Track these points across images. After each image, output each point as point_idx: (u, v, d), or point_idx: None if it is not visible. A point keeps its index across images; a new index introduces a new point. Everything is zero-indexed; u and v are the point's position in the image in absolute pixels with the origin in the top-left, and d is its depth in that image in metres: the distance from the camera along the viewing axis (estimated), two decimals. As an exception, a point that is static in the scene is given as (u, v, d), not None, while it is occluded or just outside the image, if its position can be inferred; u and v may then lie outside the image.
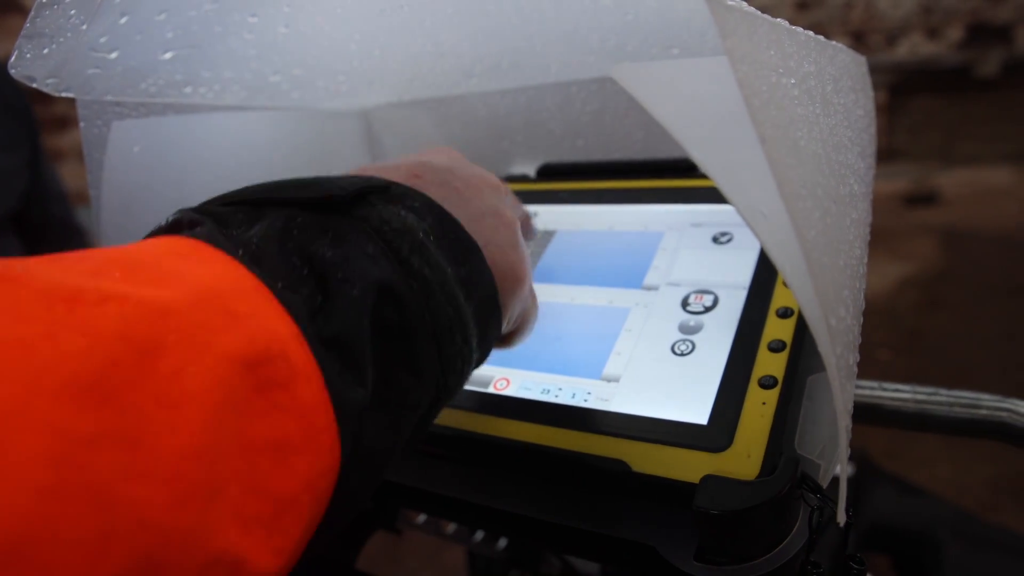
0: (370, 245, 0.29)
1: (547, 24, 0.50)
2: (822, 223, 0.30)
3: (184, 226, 0.28)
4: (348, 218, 0.29)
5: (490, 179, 0.39)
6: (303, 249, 0.27)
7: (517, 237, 0.37)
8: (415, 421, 0.30)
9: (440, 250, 0.31)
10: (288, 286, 0.25)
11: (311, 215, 0.29)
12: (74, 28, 0.41)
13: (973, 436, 0.53)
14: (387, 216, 0.30)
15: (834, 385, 0.29)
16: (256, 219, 0.28)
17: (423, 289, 0.29)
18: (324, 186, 0.31)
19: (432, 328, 0.30)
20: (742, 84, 0.25)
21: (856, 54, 0.48)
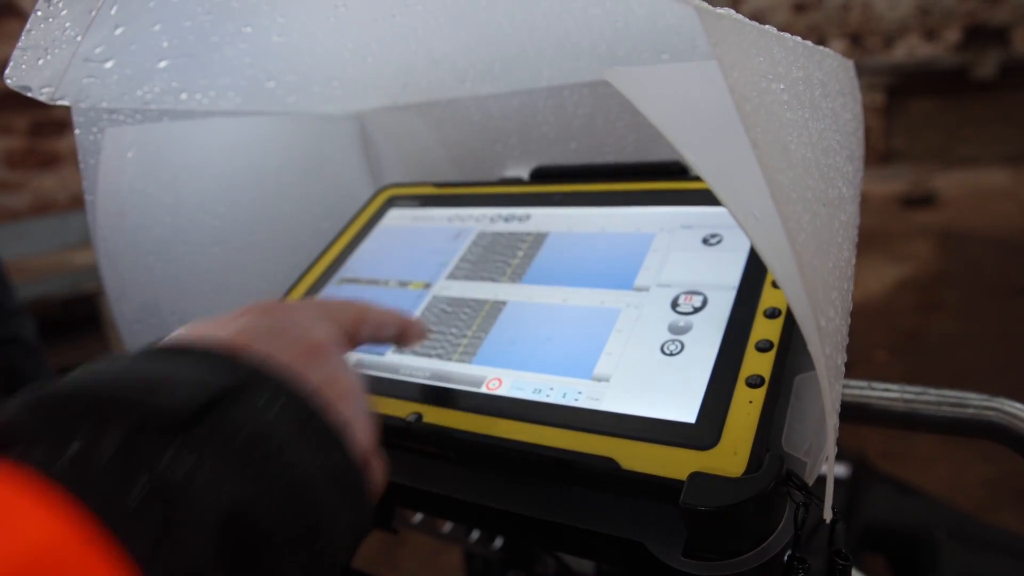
0: (219, 460, 0.27)
1: (538, 30, 0.51)
2: (812, 225, 0.30)
3: (19, 438, 0.25)
4: (196, 430, 0.27)
5: (318, 340, 0.37)
6: (146, 471, 0.25)
7: (354, 409, 0.35)
8: None
9: (302, 444, 0.30)
10: (126, 520, 0.24)
11: (157, 426, 0.26)
12: (69, 39, 0.42)
13: (961, 435, 0.54)
14: (239, 420, 0.28)
15: (823, 385, 0.30)
16: (97, 431, 0.25)
17: (279, 503, 0.28)
18: (173, 393, 0.28)
19: (291, 541, 0.28)
20: (733, 90, 0.25)
21: (844, 58, 0.49)
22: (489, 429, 0.43)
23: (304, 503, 0.29)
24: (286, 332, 0.36)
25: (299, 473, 0.29)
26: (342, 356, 0.38)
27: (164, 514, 0.24)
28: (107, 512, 0.23)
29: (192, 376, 0.29)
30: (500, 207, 0.60)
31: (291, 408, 0.31)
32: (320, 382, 0.34)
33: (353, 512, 0.32)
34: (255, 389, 0.30)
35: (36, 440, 0.25)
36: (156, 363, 0.30)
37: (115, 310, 0.57)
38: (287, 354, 0.34)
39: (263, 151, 0.62)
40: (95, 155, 0.51)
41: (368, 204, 0.66)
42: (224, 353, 0.32)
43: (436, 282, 0.56)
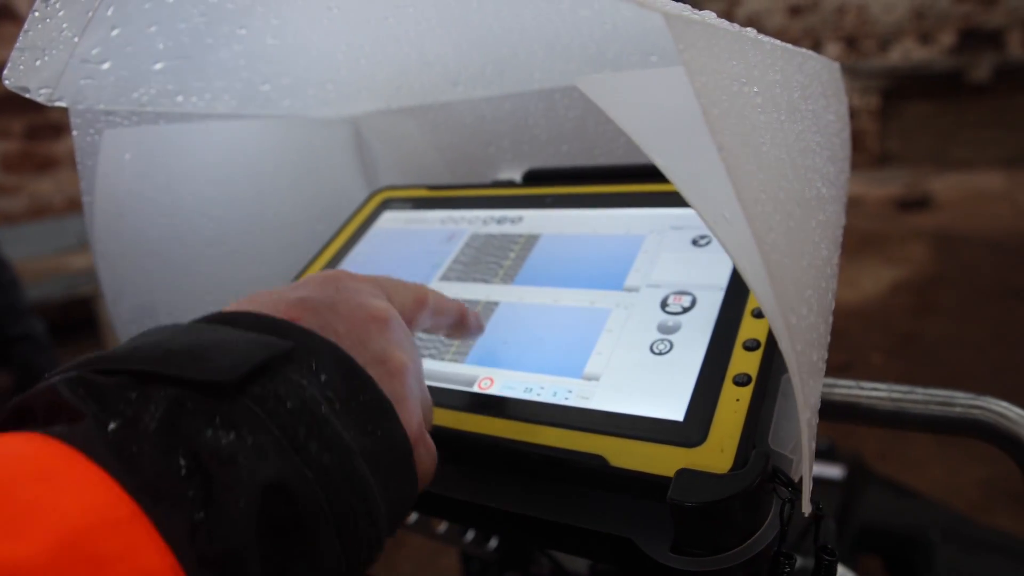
0: (261, 434, 0.26)
1: (528, 33, 0.52)
2: (784, 226, 0.31)
3: (62, 412, 0.25)
4: (239, 401, 0.27)
5: (377, 312, 0.36)
6: (187, 443, 0.25)
7: (406, 386, 0.34)
8: None
9: (347, 417, 0.29)
10: (167, 498, 0.23)
11: (199, 398, 0.26)
12: (66, 40, 0.42)
13: (949, 433, 0.54)
14: (283, 393, 0.28)
15: (794, 380, 0.30)
16: (140, 402, 0.25)
17: (321, 478, 0.27)
18: (217, 362, 0.27)
19: (332, 516, 0.27)
20: (700, 94, 0.26)
21: (829, 60, 0.50)
22: (480, 427, 0.44)
23: (346, 479, 0.28)
24: (342, 304, 0.35)
25: (343, 448, 0.28)
26: (399, 331, 0.37)
27: (204, 490, 0.24)
28: (146, 490, 0.23)
29: (240, 344, 0.29)
30: (493, 209, 0.61)
31: (339, 380, 0.30)
32: (373, 355, 0.34)
33: (396, 492, 0.31)
34: (303, 359, 0.30)
35: (78, 416, 0.25)
36: (206, 332, 0.30)
37: (112, 311, 0.58)
38: (342, 325, 0.34)
39: (259, 154, 0.63)
40: (93, 157, 0.52)
41: (363, 206, 0.67)
42: (273, 323, 0.31)
43: (429, 283, 0.56)
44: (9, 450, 0.23)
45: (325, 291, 0.36)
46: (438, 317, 0.42)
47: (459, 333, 0.45)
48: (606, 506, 0.40)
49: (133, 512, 0.23)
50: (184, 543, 0.23)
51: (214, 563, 0.24)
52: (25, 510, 0.21)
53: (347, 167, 0.71)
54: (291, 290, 0.35)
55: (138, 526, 0.22)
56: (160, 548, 0.22)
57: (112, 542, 0.22)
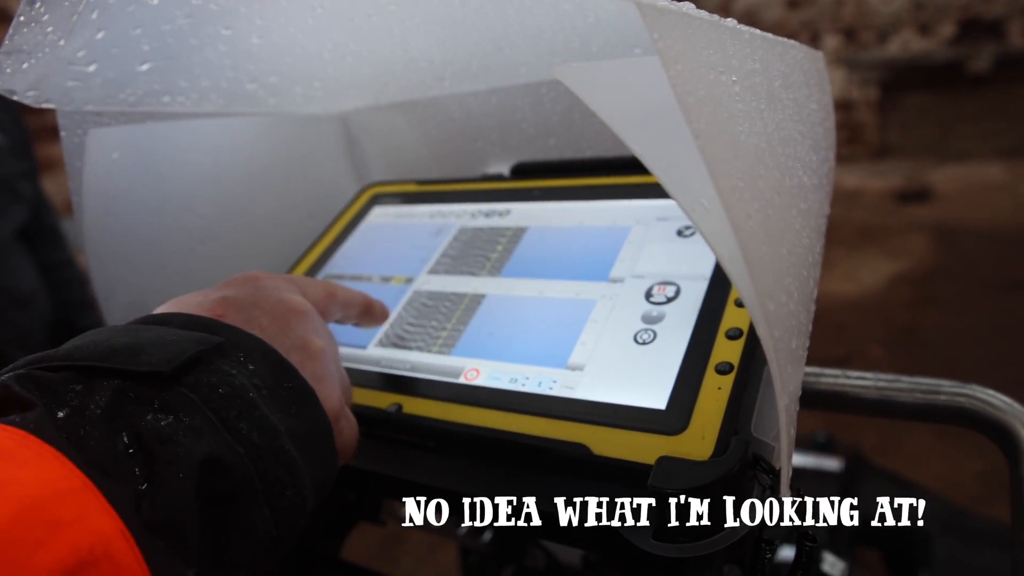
0: (197, 417, 0.29)
1: (511, 27, 0.52)
2: (762, 214, 0.31)
3: (14, 405, 0.28)
4: (176, 389, 0.30)
5: (296, 305, 0.40)
6: (131, 426, 0.28)
7: (325, 368, 0.38)
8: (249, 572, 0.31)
9: (273, 401, 0.33)
10: (113, 473, 0.26)
11: (139, 388, 0.29)
12: (52, 43, 0.43)
13: (934, 422, 0.55)
14: (215, 380, 0.31)
15: (772, 367, 0.31)
16: (86, 393, 0.28)
17: (251, 454, 0.30)
18: (155, 356, 0.30)
19: (262, 489, 0.30)
20: (675, 82, 0.26)
21: (812, 50, 0.50)
22: (466, 418, 0.44)
23: (274, 457, 0.31)
24: (262, 300, 0.39)
25: (270, 428, 0.31)
26: (316, 320, 0.40)
27: (147, 465, 0.27)
28: (95, 465, 0.26)
29: (175, 340, 0.32)
30: (481, 203, 0.61)
31: (264, 368, 0.33)
32: (294, 343, 0.37)
33: (319, 467, 0.34)
34: (231, 351, 0.33)
35: (29, 406, 0.27)
36: (143, 331, 0.33)
37: (104, 309, 0.58)
38: (265, 318, 0.37)
39: (247, 151, 0.63)
40: (80, 157, 0.52)
41: (352, 202, 0.67)
42: (203, 321, 0.34)
43: (417, 277, 0.57)
44: None
45: (246, 289, 0.39)
46: (346, 308, 0.46)
47: (367, 321, 0.49)
48: (589, 494, 0.40)
49: (84, 483, 0.25)
50: (130, 511, 0.26)
51: (158, 529, 0.27)
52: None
53: (336, 163, 0.72)
54: (214, 291, 0.39)
55: (89, 495, 0.25)
56: (109, 514, 0.25)
57: (66, 508, 0.24)
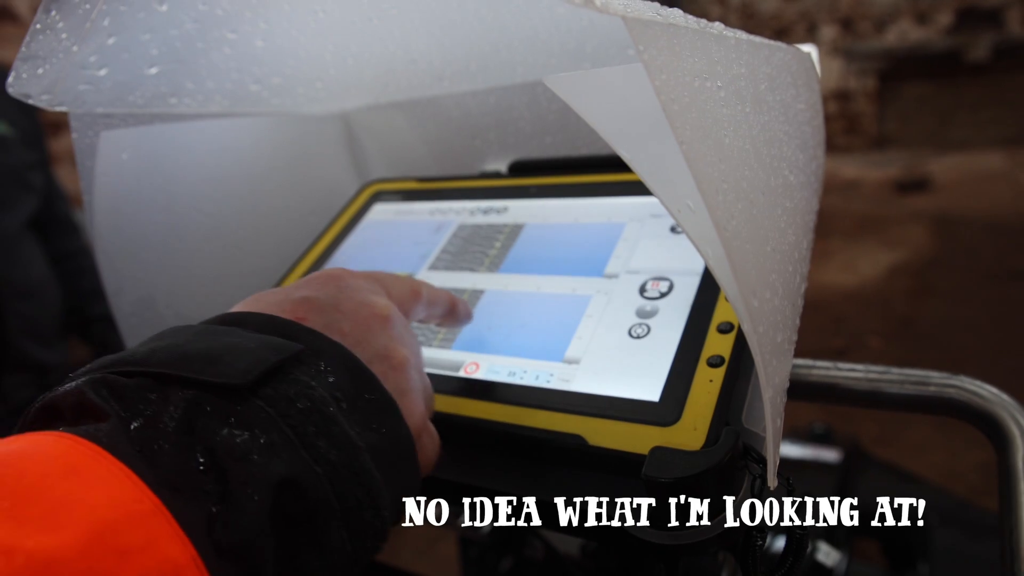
0: (273, 433, 0.28)
1: (508, 29, 0.53)
2: (746, 213, 0.33)
3: (87, 412, 0.27)
4: (252, 403, 0.29)
5: (378, 310, 0.38)
6: (205, 442, 0.27)
7: (408, 379, 0.36)
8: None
9: (353, 415, 0.31)
10: (185, 492, 0.25)
11: (214, 399, 0.28)
12: (66, 49, 0.44)
13: (924, 412, 0.56)
14: (294, 393, 0.30)
15: (757, 360, 0.32)
16: (160, 403, 0.27)
17: (329, 474, 0.29)
18: (231, 365, 0.29)
19: (340, 509, 0.29)
20: (660, 92, 0.28)
21: (800, 50, 0.51)
22: (466, 410, 0.46)
23: (353, 474, 0.30)
24: (345, 303, 0.37)
25: (350, 445, 0.30)
26: (400, 326, 0.39)
27: (220, 484, 0.26)
28: (166, 484, 0.25)
29: (250, 348, 0.30)
30: (479, 200, 0.63)
31: (345, 379, 0.32)
32: (377, 352, 0.36)
33: (399, 484, 0.33)
34: (311, 361, 0.32)
35: (103, 415, 0.27)
36: (219, 335, 0.32)
37: (113, 305, 0.60)
38: (346, 323, 0.36)
39: (251, 151, 0.64)
40: (92, 158, 0.54)
41: (353, 199, 0.69)
42: (282, 324, 0.33)
43: (418, 273, 0.58)
44: (41, 449, 0.25)
45: (327, 290, 0.37)
46: (431, 307, 0.44)
47: (450, 321, 0.47)
48: (586, 484, 0.41)
49: (155, 505, 0.24)
50: (202, 534, 0.25)
51: (230, 553, 0.25)
52: (56, 505, 0.23)
53: (338, 161, 0.73)
54: (295, 289, 0.37)
55: (160, 519, 0.24)
56: (180, 539, 0.24)
57: (136, 534, 0.23)
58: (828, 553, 0.89)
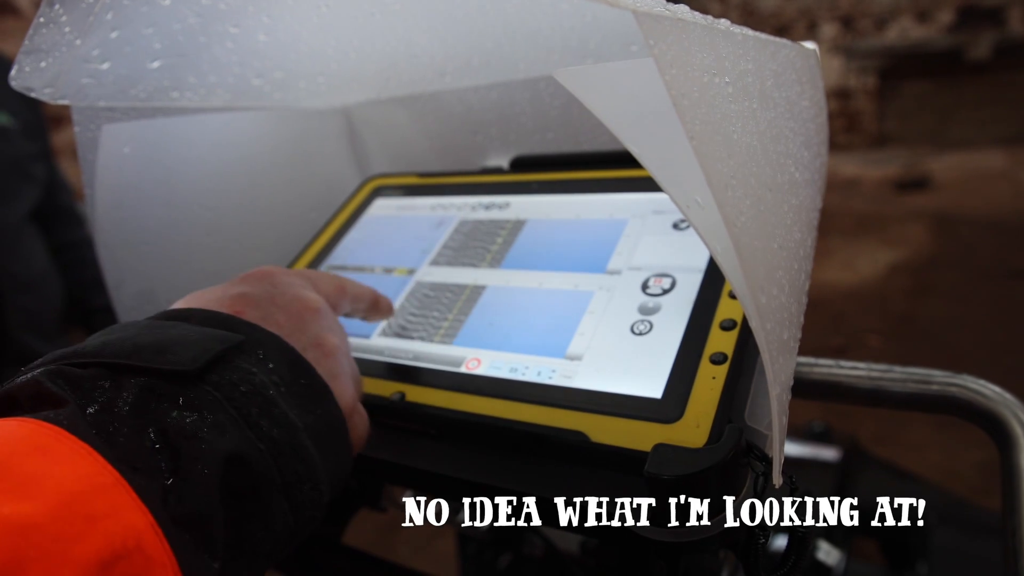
0: (220, 414, 0.31)
1: (511, 25, 0.53)
2: (754, 210, 0.33)
3: (46, 401, 0.29)
4: (200, 387, 0.31)
5: (310, 302, 0.41)
6: (157, 423, 0.29)
7: (339, 365, 0.39)
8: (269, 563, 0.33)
9: (291, 398, 0.34)
10: (141, 468, 0.27)
11: (165, 385, 0.30)
12: (69, 43, 0.44)
13: (926, 411, 0.56)
14: (237, 379, 0.32)
15: (764, 358, 0.32)
16: (114, 389, 0.30)
17: (272, 450, 0.32)
18: (180, 354, 0.31)
19: (281, 483, 0.32)
20: (670, 87, 0.28)
21: (805, 47, 0.51)
22: (468, 406, 0.46)
23: (293, 452, 0.33)
24: (279, 297, 0.40)
25: (289, 424, 0.33)
26: (329, 317, 0.42)
27: (173, 461, 0.28)
28: (124, 460, 0.27)
29: (196, 339, 0.33)
30: (481, 196, 0.63)
31: (283, 366, 0.35)
32: (310, 340, 0.39)
33: (335, 462, 0.36)
34: (251, 350, 0.34)
35: (61, 402, 0.29)
36: (165, 328, 0.34)
37: (114, 297, 0.59)
38: (281, 315, 0.39)
39: (253, 145, 0.64)
40: (93, 151, 0.53)
41: (355, 194, 0.68)
42: (223, 318, 0.36)
43: (419, 268, 0.58)
44: (7, 431, 0.27)
45: (262, 286, 0.40)
46: (356, 302, 0.48)
47: (374, 315, 0.50)
48: (587, 480, 0.41)
49: (115, 479, 0.26)
50: (158, 504, 0.27)
51: (184, 521, 0.28)
52: (27, 478, 0.25)
53: (339, 156, 0.73)
54: (232, 286, 0.40)
55: (120, 490, 0.26)
56: (140, 508, 0.26)
57: (101, 503, 0.25)
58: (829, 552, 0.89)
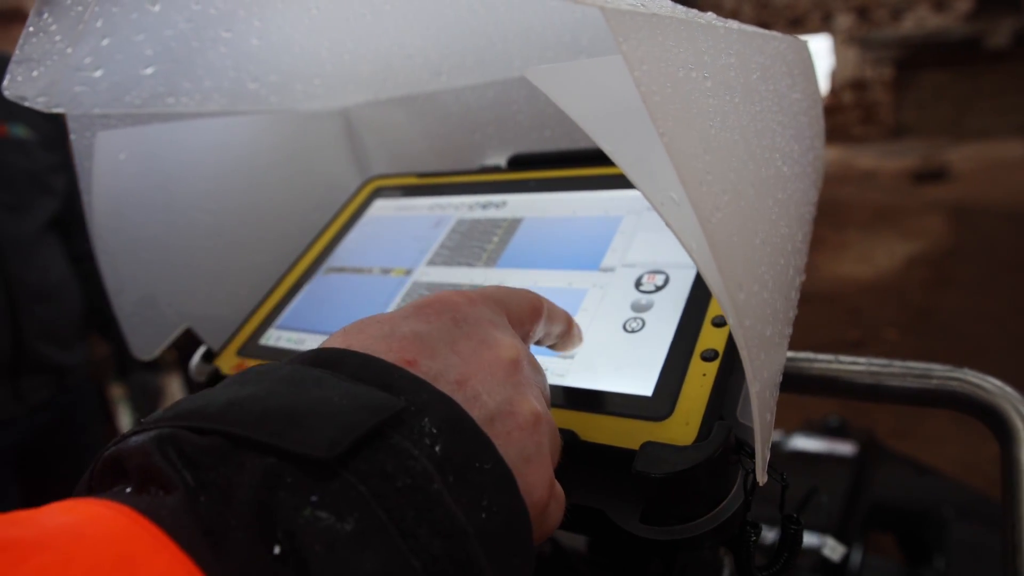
0: (364, 518, 0.23)
1: (503, 22, 0.53)
2: (733, 205, 0.32)
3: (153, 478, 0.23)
4: (340, 478, 0.23)
5: (505, 351, 0.32)
6: (283, 524, 0.22)
7: (536, 444, 0.30)
8: None
9: (460, 489, 0.25)
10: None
11: (296, 471, 0.23)
12: (60, 51, 0.45)
13: (927, 406, 0.55)
14: (391, 468, 0.24)
15: (743, 354, 0.32)
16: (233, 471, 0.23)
17: (429, 570, 0.23)
18: (317, 431, 0.24)
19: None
20: (639, 83, 0.28)
21: (796, 39, 0.50)
22: None
23: (456, 567, 0.24)
24: (462, 341, 0.31)
25: (456, 533, 0.25)
26: (528, 369, 0.33)
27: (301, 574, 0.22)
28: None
29: (344, 404, 0.26)
30: (479, 195, 0.63)
31: (454, 445, 0.26)
32: (499, 407, 0.30)
33: (508, 569, 0.27)
34: (414, 420, 0.26)
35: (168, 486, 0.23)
36: (304, 386, 0.27)
37: (115, 304, 0.60)
38: (463, 369, 0.30)
39: (251, 148, 0.65)
40: (89, 158, 0.54)
41: (354, 196, 0.69)
42: (384, 370, 0.28)
43: (416, 268, 0.58)
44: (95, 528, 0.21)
45: (441, 323, 0.31)
46: (551, 325, 0.39)
47: (565, 343, 0.42)
48: (580, 479, 0.41)
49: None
50: None
51: None
52: None
53: (338, 157, 0.73)
54: (402, 319, 0.31)
55: None
56: None
57: None
58: (834, 548, 0.89)
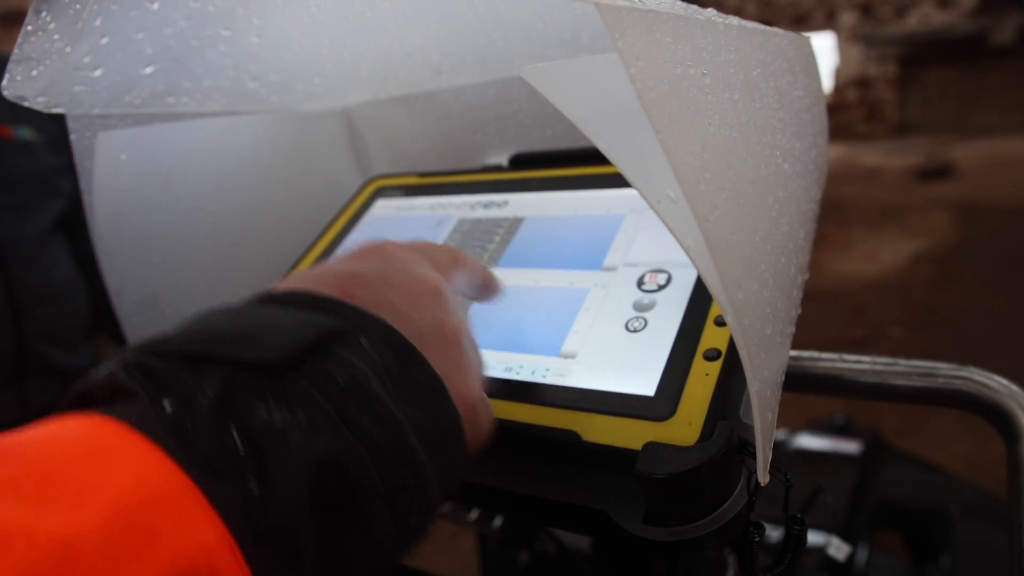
0: (313, 411, 0.26)
1: (503, 20, 0.53)
2: (732, 203, 0.32)
3: (117, 393, 0.26)
4: (290, 380, 0.27)
5: (428, 282, 0.36)
6: (240, 420, 0.25)
7: (463, 354, 0.35)
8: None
9: (397, 391, 0.29)
10: (221, 473, 0.24)
11: (250, 377, 0.26)
12: (59, 51, 0.44)
13: (932, 405, 0.55)
14: (333, 370, 0.28)
15: (742, 353, 0.31)
16: (193, 382, 0.26)
17: (372, 454, 0.27)
18: (267, 342, 0.28)
19: (383, 492, 0.27)
20: (635, 80, 0.27)
21: (799, 36, 0.50)
22: None
23: (398, 453, 0.28)
24: (394, 276, 0.35)
25: (394, 423, 0.28)
26: (448, 298, 0.37)
27: (257, 465, 0.24)
28: (200, 464, 0.23)
29: (291, 323, 0.29)
30: (480, 194, 0.62)
31: (389, 356, 0.30)
32: (429, 325, 0.34)
33: (447, 465, 0.31)
34: (352, 336, 0.30)
35: (133, 397, 0.25)
36: (256, 313, 0.30)
37: (116, 305, 0.60)
38: (394, 297, 0.34)
39: (252, 148, 0.65)
40: (90, 159, 0.54)
41: (356, 196, 0.69)
42: (324, 301, 0.31)
43: None
44: (68, 429, 0.24)
45: (373, 263, 0.36)
46: (471, 275, 0.43)
47: (484, 294, 0.46)
48: (582, 480, 0.41)
49: (187, 486, 0.23)
50: (237, 517, 0.23)
51: (267, 536, 0.24)
52: (81, 485, 0.21)
53: (340, 157, 0.73)
54: (342, 264, 0.36)
55: (192, 500, 0.23)
56: (214, 521, 0.23)
57: (166, 515, 0.22)
58: (840, 547, 0.88)
